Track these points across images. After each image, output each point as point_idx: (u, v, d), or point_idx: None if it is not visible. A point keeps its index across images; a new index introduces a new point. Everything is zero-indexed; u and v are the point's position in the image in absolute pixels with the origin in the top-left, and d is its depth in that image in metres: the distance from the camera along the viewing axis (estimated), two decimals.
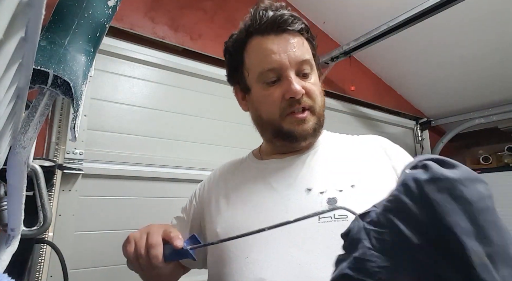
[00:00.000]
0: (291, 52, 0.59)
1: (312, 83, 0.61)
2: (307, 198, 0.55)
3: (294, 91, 0.57)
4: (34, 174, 0.63)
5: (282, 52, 0.58)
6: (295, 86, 0.57)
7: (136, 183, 1.33)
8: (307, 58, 0.60)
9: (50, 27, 0.40)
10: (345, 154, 0.63)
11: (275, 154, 0.67)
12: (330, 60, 1.85)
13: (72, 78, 0.38)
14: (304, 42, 0.62)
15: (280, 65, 0.58)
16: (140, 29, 1.42)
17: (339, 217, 0.51)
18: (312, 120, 0.61)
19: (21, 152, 0.36)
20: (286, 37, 0.60)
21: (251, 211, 0.58)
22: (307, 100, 0.60)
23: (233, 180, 0.68)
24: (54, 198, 1.14)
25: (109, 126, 1.31)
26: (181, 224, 0.73)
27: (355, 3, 1.84)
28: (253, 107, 0.66)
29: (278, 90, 0.59)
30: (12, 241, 0.50)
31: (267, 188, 0.61)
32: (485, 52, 1.90)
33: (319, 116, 0.62)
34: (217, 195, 0.67)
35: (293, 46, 0.59)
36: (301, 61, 0.59)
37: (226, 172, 0.72)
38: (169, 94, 1.48)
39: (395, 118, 2.49)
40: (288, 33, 0.60)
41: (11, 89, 0.29)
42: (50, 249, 1.06)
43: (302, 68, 0.60)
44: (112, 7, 0.45)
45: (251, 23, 0.61)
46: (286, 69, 0.58)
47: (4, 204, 0.54)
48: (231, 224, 0.59)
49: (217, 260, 0.59)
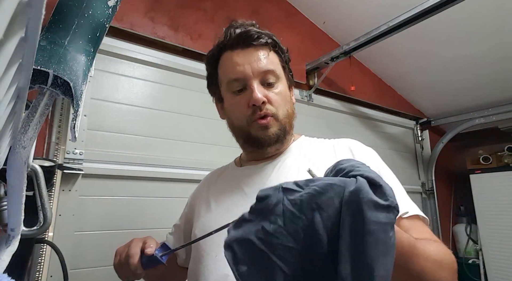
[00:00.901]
0: (254, 64, 0.64)
1: (276, 92, 0.65)
2: None
3: (254, 99, 0.62)
4: (34, 174, 0.63)
5: (246, 63, 0.64)
6: (257, 94, 0.62)
7: (136, 183, 1.33)
8: (270, 69, 0.65)
9: (50, 27, 0.40)
10: (315, 157, 0.66)
11: (251, 161, 0.74)
12: (330, 60, 1.85)
13: (72, 78, 0.38)
14: (270, 54, 0.67)
15: (244, 75, 0.64)
16: (140, 29, 1.42)
17: None
18: (275, 127, 0.64)
19: (21, 152, 0.37)
20: (251, 50, 0.65)
21: (224, 214, 0.64)
22: (269, 108, 0.64)
23: (214, 187, 0.75)
24: (54, 198, 1.14)
25: (109, 126, 1.31)
26: (177, 231, 0.81)
27: (355, 3, 1.84)
28: (227, 116, 0.73)
29: (244, 98, 0.65)
30: (12, 241, 0.50)
31: (240, 193, 0.66)
32: (485, 52, 1.90)
33: (284, 124, 0.66)
34: (200, 202, 0.74)
35: (257, 58, 0.65)
36: (264, 71, 0.64)
37: (210, 180, 0.79)
38: (169, 94, 1.48)
39: (395, 118, 2.49)
40: (253, 47, 0.66)
41: (11, 89, 0.29)
42: (50, 249, 1.06)
43: (266, 78, 0.65)
44: (112, 7, 0.45)
45: (222, 40, 0.68)
46: (249, 79, 0.64)
47: (4, 204, 0.54)
48: (206, 226, 0.65)
49: (193, 258, 0.67)
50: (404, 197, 0.59)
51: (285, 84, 0.69)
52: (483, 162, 2.41)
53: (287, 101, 0.67)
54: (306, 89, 1.99)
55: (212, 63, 0.72)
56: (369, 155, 0.65)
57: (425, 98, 2.50)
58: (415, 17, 1.45)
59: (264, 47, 0.66)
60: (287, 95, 0.68)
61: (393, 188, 0.55)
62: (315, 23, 2.12)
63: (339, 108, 2.16)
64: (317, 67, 1.95)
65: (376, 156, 0.66)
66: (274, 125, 0.64)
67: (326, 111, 2.09)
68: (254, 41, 0.65)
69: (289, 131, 0.68)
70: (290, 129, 0.68)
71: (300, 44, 2.01)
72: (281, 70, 0.68)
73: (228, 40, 0.67)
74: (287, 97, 0.68)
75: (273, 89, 0.65)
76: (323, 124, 2.03)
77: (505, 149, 2.32)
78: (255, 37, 0.65)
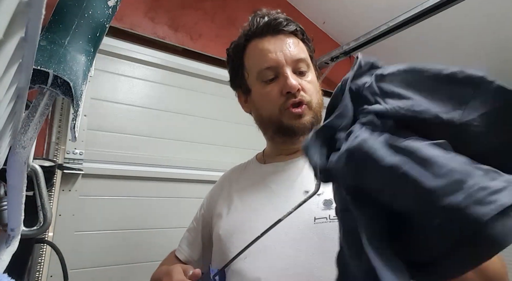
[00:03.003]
0: (287, 51, 0.62)
1: (308, 81, 0.64)
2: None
3: (290, 85, 0.60)
4: (34, 174, 0.63)
5: (278, 50, 0.62)
6: (291, 81, 0.60)
7: (136, 183, 1.33)
8: (302, 57, 0.63)
9: (50, 27, 0.40)
10: None
11: (277, 156, 0.69)
12: (330, 60, 1.85)
13: (72, 78, 0.38)
14: (300, 42, 0.66)
15: (276, 63, 0.62)
16: (140, 29, 1.42)
17: (334, 218, 0.52)
18: (309, 115, 0.62)
19: (21, 152, 0.37)
20: (281, 37, 0.64)
21: (251, 214, 0.61)
22: (304, 95, 0.62)
23: (237, 185, 0.70)
24: (54, 198, 1.14)
25: (109, 126, 1.31)
26: (193, 233, 0.77)
27: (355, 3, 1.84)
28: (254, 107, 0.69)
29: (276, 87, 0.62)
30: (12, 241, 0.50)
31: (267, 191, 0.63)
32: (485, 52, 1.90)
33: (316, 113, 0.64)
34: (221, 201, 0.70)
35: (289, 45, 0.63)
36: (297, 59, 0.62)
37: (231, 178, 0.75)
38: (169, 94, 1.48)
39: None
40: (283, 34, 0.64)
41: (11, 89, 0.29)
42: (50, 249, 1.06)
43: (298, 66, 0.63)
44: (112, 7, 0.45)
45: (249, 28, 0.66)
46: (282, 66, 0.62)
47: (4, 204, 0.54)
48: (232, 227, 0.61)
49: (218, 261, 0.62)
50: None
51: (314, 73, 0.68)
52: None
53: (317, 90, 0.66)
54: None
55: (237, 53, 0.68)
56: None
57: None
58: (415, 17, 1.45)
59: (293, 35, 0.65)
60: (317, 84, 0.67)
61: None
62: (315, 23, 2.12)
63: None
64: (317, 67, 1.95)
65: None
66: (308, 113, 0.62)
67: None
68: (284, 28, 0.64)
69: (320, 121, 0.65)
70: (321, 119, 0.65)
71: None
72: (309, 59, 0.67)
73: (256, 28, 0.65)
74: (317, 86, 0.67)
75: (305, 78, 0.64)
76: None
77: None
78: (285, 24, 0.64)
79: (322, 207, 0.54)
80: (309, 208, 0.54)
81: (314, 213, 0.54)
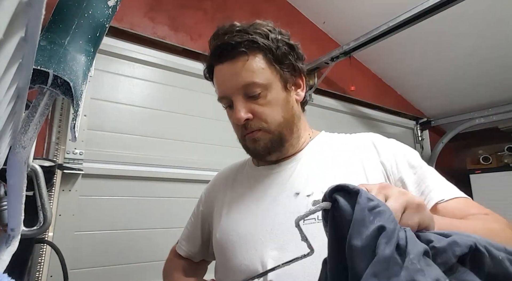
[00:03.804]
0: (233, 80, 0.60)
1: (262, 103, 0.60)
2: (295, 201, 0.58)
3: (236, 119, 0.60)
4: (34, 174, 0.63)
5: (226, 80, 0.61)
6: (237, 114, 0.59)
7: (136, 183, 1.33)
8: (249, 82, 0.59)
9: (50, 27, 0.40)
10: (336, 155, 0.64)
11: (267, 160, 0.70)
12: (330, 60, 1.85)
13: (72, 78, 0.38)
14: (250, 62, 0.59)
15: (225, 95, 0.62)
16: (140, 29, 1.42)
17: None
18: (265, 140, 0.61)
19: (21, 151, 0.36)
20: (228, 65, 0.60)
21: (244, 218, 0.62)
22: (256, 124, 0.60)
23: (235, 188, 0.71)
24: (54, 198, 1.14)
25: (109, 126, 1.31)
26: (190, 227, 0.79)
27: (355, 3, 1.84)
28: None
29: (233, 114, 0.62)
30: (12, 241, 0.50)
31: (260, 194, 0.64)
32: (485, 52, 1.90)
33: (278, 133, 0.61)
34: (219, 202, 0.71)
35: (234, 72, 0.60)
36: (243, 85, 0.59)
37: (227, 179, 0.75)
38: (169, 94, 1.48)
39: (395, 118, 2.49)
40: (230, 60, 0.60)
41: (11, 89, 0.29)
42: (50, 249, 1.06)
43: (248, 92, 0.59)
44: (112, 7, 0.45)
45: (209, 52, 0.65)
46: (231, 96, 0.61)
47: (4, 204, 0.54)
48: (227, 231, 0.63)
49: (217, 265, 0.66)
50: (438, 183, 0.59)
51: (277, 87, 0.61)
52: (483, 162, 2.41)
53: (279, 107, 0.61)
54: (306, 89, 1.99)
55: (209, 77, 0.69)
56: (392, 145, 0.64)
57: (425, 98, 2.50)
58: (415, 17, 1.45)
59: (241, 57, 0.59)
60: (279, 100, 0.61)
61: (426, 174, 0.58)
62: (315, 23, 2.12)
63: (339, 108, 2.16)
64: (317, 67, 1.95)
65: (400, 145, 0.65)
66: (263, 138, 0.61)
67: (326, 111, 2.09)
68: (229, 54, 0.60)
69: (287, 137, 0.63)
70: (290, 133, 0.63)
71: (300, 44, 2.00)
72: (267, 74, 0.60)
73: (210, 55, 0.64)
74: (280, 102, 0.61)
75: (260, 101, 0.60)
76: (323, 124, 2.02)
77: (505, 149, 2.32)
78: (230, 49, 0.59)
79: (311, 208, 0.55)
80: (297, 209, 0.56)
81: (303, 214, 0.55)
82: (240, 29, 0.60)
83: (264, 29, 0.61)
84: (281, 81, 0.62)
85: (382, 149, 0.62)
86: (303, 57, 0.67)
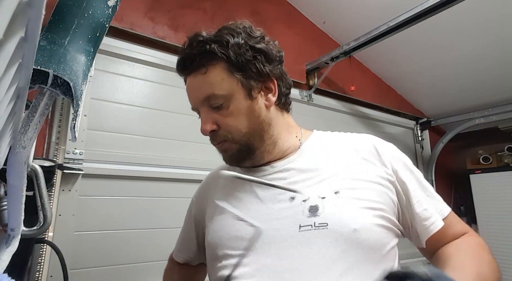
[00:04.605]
0: (196, 92, 0.61)
1: (225, 114, 0.59)
2: (290, 206, 0.56)
3: (202, 130, 0.61)
4: (34, 174, 0.63)
5: (191, 93, 0.63)
6: (202, 126, 0.60)
7: (136, 183, 1.33)
8: (207, 95, 0.58)
9: (50, 27, 0.40)
10: (333, 156, 0.62)
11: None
12: (330, 60, 1.85)
13: (72, 78, 0.38)
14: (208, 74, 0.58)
15: (194, 106, 0.63)
16: (140, 29, 1.42)
17: (319, 225, 0.52)
18: (232, 150, 0.61)
19: (21, 151, 0.37)
20: (191, 78, 0.61)
21: (236, 222, 0.60)
22: (221, 135, 0.60)
23: (225, 189, 0.68)
24: (54, 198, 1.14)
25: (109, 126, 1.31)
26: (184, 234, 0.78)
27: (355, 3, 1.84)
28: None
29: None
30: (12, 241, 0.51)
31: (253, 196, 0.61)
32: (485, 52, 1.90)
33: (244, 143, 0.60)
34: (210, 204, 0.69)
35: (194, 86, 0.61)
36: (204, 98, 0.59)
37: (218, 180, 0.73)
38: (169, 94, 1.48)
39: (395, 118, 2.49)
40: (192, 74, 0.61)
41: (11, 89, 0.29)
42: (50, 249, 1.06)
43: (211, 103, 0.59)
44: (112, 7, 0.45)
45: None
46: (197, 108, 0.62)
47: (4, 204, 0.54)
48: (218, 234, 0.61)
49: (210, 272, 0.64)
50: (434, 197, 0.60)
51: (239, 97, 0.59)
52: (483, 162, 2.41)
53: (243, 116, 0.59)
54: (306, 89, 1.99)
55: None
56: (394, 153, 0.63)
57: (425, 98, 2.50)
58: (415, 17, 1.45)
59: (200, 69, 0.59)
60: (241, 110, 0.59)
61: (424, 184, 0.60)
62: (315, 23, 2.12)
63: (339, 108, 2.16)
64: (317, 67, 1.95)
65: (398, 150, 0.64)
66: (230, 148, 0.61)
67: (326, 111, 2.09)
68: (190, 67, 0.60)
69: (257, 145, 0.61)
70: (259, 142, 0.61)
71: (300, 44, 2.01)
72: (227, 84, 0.58)
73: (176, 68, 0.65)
74: (243, 111, 0.59)
75: (222, 112, 0.59)
76: (323, 124, 2.03)
77: (505, 149, 2.32)
78: (190, 62, 0.60)
79: (308, 214, 0.54)
80: (294, 216, 0.54)
81: (300, 220, 0.54)
82: (202, 39, 0.58)
83: (227, 37, 0.58)
84: (243, 90, 0.59)
85: (383, 153, 0.61)
86: (276, 59, 0.62)
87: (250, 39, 0.59)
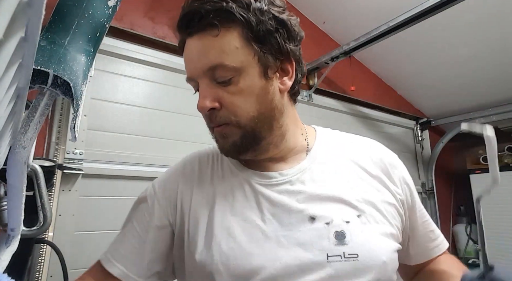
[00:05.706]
0: (199, 59, 0.48)
1: (232, 91, 0.47)
2: (313, 228, 0.47)
3: (199, 107, 0.49)
4: (34, 174, 0.63)
5: (192, 60, 0.49)
6: (200, 102, 0.48)
7: (136, 183, 1.33)
8: (217, 64, 0.46)
9: (50, 27, 0.40)
10: (345, 167, 0.55)
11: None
12: (330, 60, 1.85)
13: (72, 78, 0.38)
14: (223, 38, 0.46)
15: (192, 76, 0.50)
16: (140, 29, 1.42)
17: (349, 256, 0.45)
18: (235, 136, 0.49)
19: (21, 151, 0.37)
20: (196, 39, 0.48)
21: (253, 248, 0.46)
22: (223, 116, 0.48)
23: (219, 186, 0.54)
24: (54, 198, 1.14)
25: (109, 126, 1.31)
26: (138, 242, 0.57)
27: (355, 3, 1.84)
28: None
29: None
30: (12, 241, 0.51)
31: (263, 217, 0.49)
32: (485, 52, 1.90)
33: (250, 129, 0.49)
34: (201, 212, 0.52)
35: (200, 51, 0.48)
36: (209, 68, 0.47)
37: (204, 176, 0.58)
38: (169, 94, 1.48)
39: (395, 118, 2.49)
40: (198, 33, 0.47)
41: (11, 89, 0.29)
42: (50, 249, 1.06)
43: (216, 76, 0.47)
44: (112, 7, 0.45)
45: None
46: (196, 79, 0.50)
47: (4, 204, 0.54)
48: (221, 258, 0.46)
49: None
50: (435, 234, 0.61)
51: (254, 73, 0.48)
52: (483, 162, 2.41)
53: (254, 97, 0.48)
54: (306, 89, 1.99)
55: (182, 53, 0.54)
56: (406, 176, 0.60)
57: (425, 98, 2.50)
58: (415, 17, 1.45)
59: (210, 30, 0.46)
60: (254, 89, 0.48)
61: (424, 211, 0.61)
62: (315, 23, 2.12)
63: (339, 108, 2.16)
64: (317, 67, 1.95)
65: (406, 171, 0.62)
66: (233, 134, 0.49)
67: (326, 111, 2.09)
68: (197, 25, 0.47)
69: (264, 135, 0.50)
70: (268, 131, 0.51)
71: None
72: (242, 55, 0.47)
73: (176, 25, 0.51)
74: (255, 91, 0.48)
75: (230, 88, 0.47)
76: (323, 124, 2.02)
77: (505, 149, 2.32)
78: (198, 19, 0.46)
79: (335, 241, 0.45)
80: (319, 242, 0.45)
81: (326, 249, 0.45)
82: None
83: None
84: (259, 65, 0.48)
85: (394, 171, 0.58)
86: (297, 37, 0.54)
87: (273, 6, 0.49)
